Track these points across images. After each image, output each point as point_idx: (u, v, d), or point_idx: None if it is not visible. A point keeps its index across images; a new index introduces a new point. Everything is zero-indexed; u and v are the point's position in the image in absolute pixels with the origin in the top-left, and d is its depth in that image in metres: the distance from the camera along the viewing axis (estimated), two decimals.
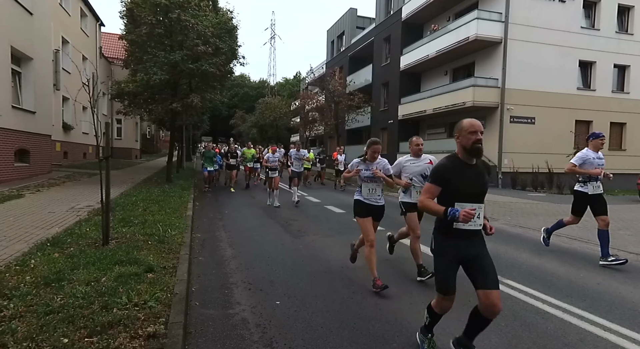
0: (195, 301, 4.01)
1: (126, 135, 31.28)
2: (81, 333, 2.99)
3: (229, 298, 4.15)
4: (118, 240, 5.75)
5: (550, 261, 5.94)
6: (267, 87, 73.45)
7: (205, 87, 15.13)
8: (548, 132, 19.07)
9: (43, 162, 14.85)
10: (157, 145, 50.73)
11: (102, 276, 4.20)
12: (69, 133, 20.69)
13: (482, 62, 20.23)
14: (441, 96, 21.03)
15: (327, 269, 5.29)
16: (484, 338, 3.46)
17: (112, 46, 29.69)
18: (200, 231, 7.41)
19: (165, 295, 3.78)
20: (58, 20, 18.31)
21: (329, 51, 39.08)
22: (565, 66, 19.57)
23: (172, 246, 5.63)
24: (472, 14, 19.10)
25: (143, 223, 6.98)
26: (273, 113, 41.32)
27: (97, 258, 4.76)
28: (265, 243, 6.62)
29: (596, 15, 20.49)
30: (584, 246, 7.21)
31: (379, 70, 28.28)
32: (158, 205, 9.12)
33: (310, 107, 29.93)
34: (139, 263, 4.65)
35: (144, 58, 13.14)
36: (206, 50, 12.85)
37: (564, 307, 4.12)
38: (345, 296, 4.28)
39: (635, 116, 21.02)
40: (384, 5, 28.25)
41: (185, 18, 12.32)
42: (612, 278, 5.30)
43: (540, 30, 18.91)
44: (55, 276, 4.07)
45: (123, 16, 13.79)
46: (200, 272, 4.96)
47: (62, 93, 19.20)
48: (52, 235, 5.89)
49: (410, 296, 4.36)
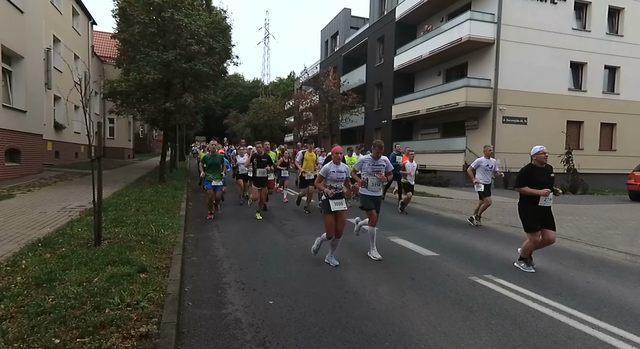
0: (188, 301, 4.01)
1: (119, 134, 31.07)
2: (73, 334, 2.99)
3: (222, 298, 4.16)
4: (110, 240, 5.73)
5: (541, 260, 5.99)
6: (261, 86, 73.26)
7: (199, 87, 15.06)
8: (540, 132, 19.22)
9: (34, 162, 14.72)
10: (150, 144, 50.42)
11: (94, 276, 4.18)
12: (61, 133, 20.51)
13: (475, 63, 20.35)
14: (434, 96, 21.12)
15: (320, 269, 5.30)
16: (474, 336, 3.51)
17: (104, 45, 29.46)
18: (193, 231, 7.40)
19: (157, 295, 3.78)
20: (49, 18, 18.15)
21: (323, 51, 39.09)
22: (556, 67, 19.75)
23: (165, 246, 5.62)
24: (465, 14, 19.20)
25: (136, 223, 6.95)
26: (267, 113, 41.26)
27: (89, 258, 4.74)
28: (258, 243, 6.62)
29: (587, 17, 20.69)
30: (574, 245, 7.29)
31: (373, 70, 28.34)
32: (151, 205, 9.08)
33: (304, 107, 29.90)
34: (132, 263, 4.64)
35: (137, 57, 13.06)
36: (199, 50, 12.79)
37: (553, 305, 4.18)
38: (338, 295, 4.30)
39: (625, 117, 21.25)
40: (377, 5, 28.30)
41: (178, 17, 12.25)
42: (601, 276, 5.37)
43: (532, 32, 19.07)
44: (46, 277, 4.05)
45: (115, 15, 13.70)
46: (194, 272, 4.95)
47: (53, 92, 19.03)
48: (43, 236, 5.85)
49: (402, 295, 4.39)
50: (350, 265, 5.51)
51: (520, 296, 4.45)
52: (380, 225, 8.45)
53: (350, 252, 6.23)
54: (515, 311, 4.09)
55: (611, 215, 10.77)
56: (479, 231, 8.30)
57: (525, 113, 19.32)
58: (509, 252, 6.50)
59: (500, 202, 13.08)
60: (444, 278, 5.01)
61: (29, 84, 14.19)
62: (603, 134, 21.23)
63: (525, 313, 4.05)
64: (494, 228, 8.87)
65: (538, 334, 3.59)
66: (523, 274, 5.27)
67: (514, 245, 7.06)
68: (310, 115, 29.95)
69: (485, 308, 4.10)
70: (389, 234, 7.60)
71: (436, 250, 6.36)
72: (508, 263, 5.81)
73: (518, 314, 4.00)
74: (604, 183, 18.82)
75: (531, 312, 4.08)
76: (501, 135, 18.85)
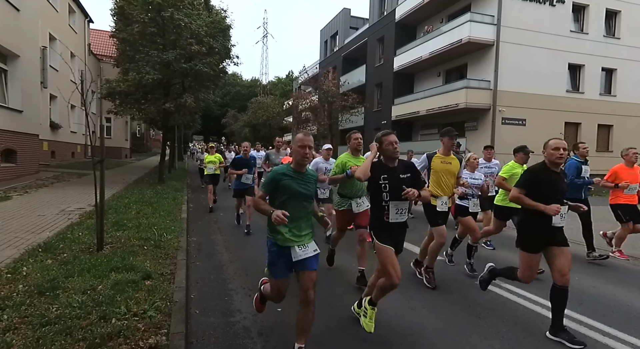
0: (195, 309, 3.94)
1: (116, 134, 30.85)
2: (80, 346, 2.92)
3: (229, 305, 4.09)
4: (113, 245, 5.65)
5: (546, 264, 5.96)
6: (259, 85, 73.08)
7: (199, 87, 14.95)
8: (538, 133, 19.18)
9: (30, 162, 14.57)
10: (148, 144, 50.17)
11: (99, 284, 4.10)
12: (57, 132, 20.32)
13: (474, 64, 20.37)
14: (434, 97, 21.12)
15: (327, 273, 5.24)
16: (486, 344, 3.47)
17: (101, 43, 29.25)
18: (196, 235, 7.32)
19: (164, 304, 3.71)
20: (45, 16, 17.96)
21: (322, 51, 38.98)
22: (555, 69, 19.80)
23: (169, 251, 5.55)
24: (464, 16, 19.20)
25: (137, 227, 6.87)
26: (266, 112, 41.13)
27: (92, 264, 4.66)
28: (262, 247, 6.46)
29: (585, 20, 20.76)
30: (576, 248, 7.24)
31: (373, 71, 28.30)
32: (152, 208, 8.99)
33: (303, 107, 29.80)
34: (136, 269, 4.56)
35: (136, 57, 12.93)
36: (200, 50, 12.69)
37: None
38: (346, 301, 4.24)
39: (621, 118, 21.36)
40: (377, 6, 28.25)
41: (178, 17, 12.14)
42: (607, 280, 5.36)
43: (531, 33, 19.11)
44: (49, 285, 3.97)
45: (114, 14, 13.57)
46: (199, 278, 4.88)
47: (49, 91, 18.83)
48: (43, 240, 5.77)
49: (410, 300, 4.34)
50: (356, 268, 5.45)
51: (528, 301, 4.42)
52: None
53: (354, 254, 6.16)
54: (525, 318, 4.06)
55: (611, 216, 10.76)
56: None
57: (524, 115, 19.36)
58: (514, 256, 6.46)
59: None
60: (451, 282, 4.98)
61: (25, 83, 14.03)
62: (600, 135, 21.34)
63: (534, 320, 4.02)
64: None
65: (550, 341, 3.56)
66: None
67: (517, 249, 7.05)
68: (309, 115, 29.86)
69: (495, 315, 4.07)
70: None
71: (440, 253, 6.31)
72: (513, 265, 5.76)
73: (528, 321, 3.97)
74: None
75: (540, 318, 4.05)
76: (500, 136, 18.88)
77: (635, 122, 21.58)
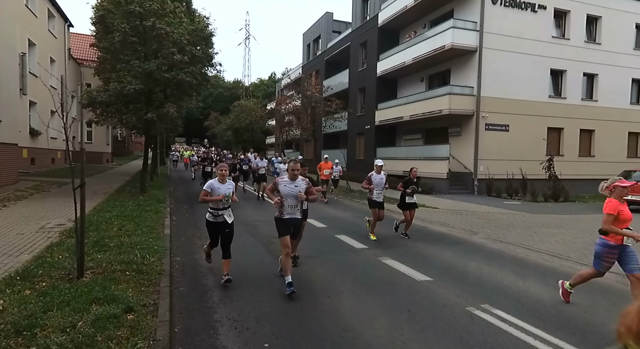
0: (179, 346, 3.81)
1: (97, 138, 30.22)
2: None
3: (214, 340, 3.96)
4: (93, 270, 5.47)
5: (534, 284, 6.00)
6: (241, 87, 72.60)
7: (181, 96, 14.70)
8: (522, 139, 19.55)
9: (9, 172, 14.17)
10: (129, 147, 49.39)
11: (79, 319, 3.95)
12: (37, 139, 19.82)
13: (457, 70, 20.52)
14: (418, 103, 21.19)
15: (313, 299, 5.14)
16: None
17: (81, 47, 28.63)
18: (179, 254, 7.14)
19: (147, 344, 3.58)
20: (24, 22, 17.49)
21: (305, 54, 38.84)
22: (537, 75, 20.09)
23: (152, 276, 5.40)
24: (447, 22, 19.33)
25: (119, 247, 6.70)
26: (249, 116, 40.89)
27: (71, 296, 4.49)
28: (248, 268, 6.41)
29: (566, 25, 21.10)
30: (564, 264, 7.33)
31: (356, 75, 28.32)
32: (134, 223, 8.79)
33: (285, 111, 29.60)
34: (117, 300, 4.42)
35: (118, 66, 12.63)
36: (182, 59, 12.45)
37: (555, 343, 4.04)
38: (335, 335, 4.15)
39: (603, 123, 21.77)
40: (360, 10, 28.27)
41: (160, 26, 11.88)
42: (597, 305, 5.29)
43: (513, 40, 19.34)
44: (27, 322, 3.80)
45: (94, 23, 13.24)
46: (183, 307, 4.74)
47: (29, 98, 18.37)
48: (21, 265, 5.56)
49: (401, 332, 4.26)
50: (343, 294, 5.38)
51: (520, 331, 4.28)
52: (372, 244, 8.40)
53: (342, 277, 6.11)
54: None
55: (595, 226, 10.89)
56: (468, 249, 8.27)
57: (507, 120, 19.59)
58: (502, 274, 6.49)
59: (485, 213, 13.18)
60: (441, 309, 4.92)
61: (4, 91, 13.63)
62: (582, 140, 21.72)
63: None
64: (482, 244, 8.86)
65: None
66: (519, 303, 5.17)
67: (505, 265, 7.06)
68: (292, 119, 29.68)
69: (487, 347, 3.99)
70: (380, 254, 7.51)
71: (429, 274, 6.28)
72: (502, 289, 5.75)
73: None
74: (584, 189, 19.20)
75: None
76: (484, 142, 19.06)
77: (615, 126, 22.06)
